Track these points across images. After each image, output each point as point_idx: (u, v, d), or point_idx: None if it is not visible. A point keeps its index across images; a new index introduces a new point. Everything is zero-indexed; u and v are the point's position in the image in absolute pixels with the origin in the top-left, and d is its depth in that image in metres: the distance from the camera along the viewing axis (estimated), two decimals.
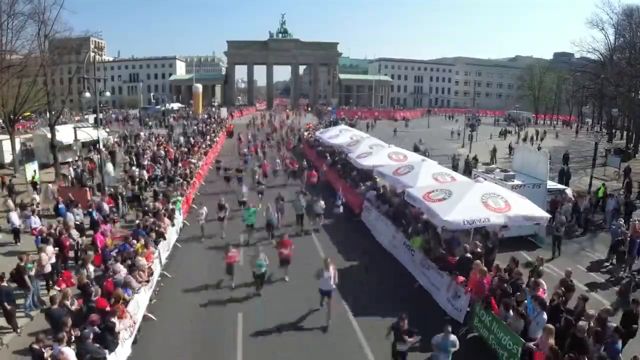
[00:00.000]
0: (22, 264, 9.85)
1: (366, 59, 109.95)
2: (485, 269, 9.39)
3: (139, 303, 9.23)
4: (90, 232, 13.65)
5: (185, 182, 18.99)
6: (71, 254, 12.42)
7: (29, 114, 35.73)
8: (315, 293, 9.88)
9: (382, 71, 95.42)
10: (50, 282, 11.02)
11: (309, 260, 12.91)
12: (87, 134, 26.03)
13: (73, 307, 8.25)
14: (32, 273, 10.14)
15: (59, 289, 10.53)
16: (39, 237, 12.17)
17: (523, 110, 70.49)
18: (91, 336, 7.08)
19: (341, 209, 17.25)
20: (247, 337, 9.08)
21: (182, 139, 33.34)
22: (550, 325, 7.27)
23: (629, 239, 12.85)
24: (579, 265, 13.06)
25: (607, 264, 13.56)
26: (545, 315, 7.77)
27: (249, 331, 9.28)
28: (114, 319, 7.73)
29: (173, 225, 14.40)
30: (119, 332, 7.74)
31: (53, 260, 11.15)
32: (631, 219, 15.00)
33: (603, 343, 7.19)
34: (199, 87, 57.89)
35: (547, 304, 8.19)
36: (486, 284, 9.18)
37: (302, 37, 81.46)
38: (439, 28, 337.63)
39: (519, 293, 8.64)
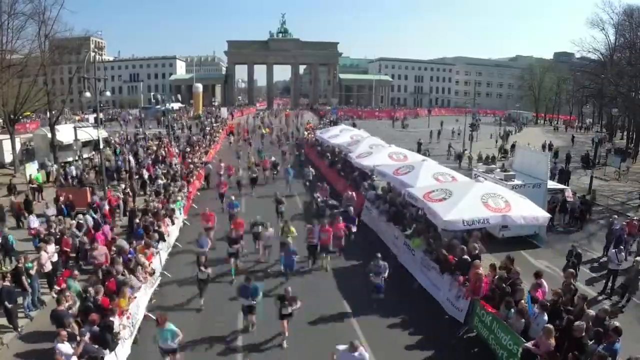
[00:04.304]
0: (20, 264, 9.85)
1: (366, 59, 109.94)
2: (482, 272, 9.36)
3: (139, 303, 9.24)
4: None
5: (185, 181, 19.03)
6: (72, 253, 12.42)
7: (29, 113, 35.78)
8: (316, 292, 9.90)
9: (383, 71, 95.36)
10: (52, 282, 11.04)
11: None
12: (88, 133, 26.03)
13: (71, 311, 8.24)
14: (33, 272, 10.13)
15: (59, 288, 10.56)
16: (37, 237, 12.17)
17: (523, 110, 70.49)
18: (88, 335, 7.08)
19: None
20: (247, 337, 9.08)
21: (193, 138, 33.35)
22: (550, 326, 7.26)
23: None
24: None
25: (603, 260, 13.59)
26: (545, 316, 7.76)
27: (249, 330, 9.28)
28: (113, 318, 7.73)
29: (173, 224, 14.41)
30: (118, 332, 7.74)
31: (55, 258, 11.17)
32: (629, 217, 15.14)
33: (602, 343, 7.18)
34: (199, 86, 58.00)
35: (548, 304, 8.18)
36: (484, 284, 9.16)
37: (302, 37, 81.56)
38: (439, 28, 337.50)
39: (516, 292, 8.63)
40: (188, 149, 28.14)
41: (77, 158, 24.30)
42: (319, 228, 12.23)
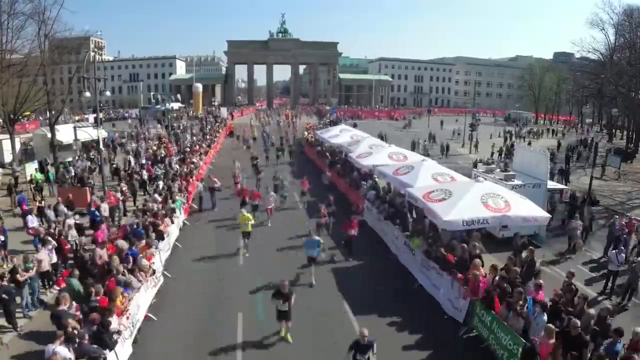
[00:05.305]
0: (17, 265, 9.83)
1: (366, 59, 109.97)
2: (479, 271, 9.36)
3: (139, 303, 9.23)
4: (90, 231, 13.69)
5: (185, 181, 19.03)
6: (70, 254, 12.40)
7: (28, 113, 35.79)
8: (316, 292, 9.91)
9: (382, 71, 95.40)
10: (50, 282, 11.03)
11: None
12: (87, 133, 26.01)
13: (71, 311, 8.22)
14: (32, 272, 10.12)
15: (58, 288, 10.55)
16: (37, 237, 12.15)
17: (523, 110, 70.53)
18: (87, 336, 7.06)
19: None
20: (247, 337, 9.08)
21: (189, 136, 33.39)
22: (550, 326, 7.27)
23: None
24: (578, 266, 13.09)
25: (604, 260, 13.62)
26: (545, 317, 7.77)
27: (249, 331, 9.28)
28: (111, 318, 7.72)
29: (172, 223, 14.40)
30: (118, 332, 7.72)
31: (54, 259, 11.16)
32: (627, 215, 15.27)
33: (603, 343, 7.19)
34: (199, 86, 57.82)
35: (548, 305, 8.19)
36: (482, 285, 9.16)
37: (302, 37, 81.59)
38: (439, 28, 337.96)
39: (516, 292, 8.62)
40: (188, 149, 28.11)
41: (77, 157, 24.31)
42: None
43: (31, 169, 20.17)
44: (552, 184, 17.06)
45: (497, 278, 9.31)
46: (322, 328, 9.48)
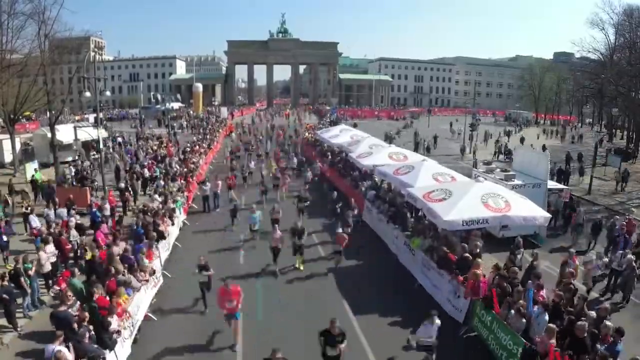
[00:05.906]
0: (19, 265, 9.83)
1: (366, 59, 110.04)
2: (480, 271, 9.34)
3: (139, 303, 9.23)
4: (90, 231, 13.68)
5: (185, 181, 19.04)
6: (71, 254, 12.39)
7: (28, 113, 35.75)
8: (316, 291, 9.87)
9: (382, 71, 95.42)
10: (50, 282, 11.02)
11: (309, 260, 12.98)
12: (87, 133, 26.00)
13: (73, 310, 8.22)
14: (31, 272, 10.13)
15: (58, 288, 10.55)
16: (39, 237, 12.15)
17: (523, 110, 70.52)
18: (87, 335, 7.06)
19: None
20: (247, 337, 9.07)
21: (194, 138, 33.37)
22: (552, 325, 7.26)
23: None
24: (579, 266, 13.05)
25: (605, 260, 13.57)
26: (546, 316, 7.76)
27: (249, 331, 9.28)
28: (111, 318, 7.72)
29: (173, 224, 14.40)
30: (117, 332, 7.72)
31: (53, 259, 11.16)
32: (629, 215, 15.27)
33: (604, 343, 7.18)
34: (199, 86, 57.96)
35: (549, 305, 8.18)
36: (483, 284, 9.15)
37: (302, 37, 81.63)
38: (439, 28, 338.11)
39: (516, 291, 8.61)
40: (188, 149, 28.11)
41: (77, 157, 24.33)
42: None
43: (31, 169, 20.19)
44: (552, 184, 17.07)
45: (497, 277, 9.30)
46: (321, 328, 9.45)
